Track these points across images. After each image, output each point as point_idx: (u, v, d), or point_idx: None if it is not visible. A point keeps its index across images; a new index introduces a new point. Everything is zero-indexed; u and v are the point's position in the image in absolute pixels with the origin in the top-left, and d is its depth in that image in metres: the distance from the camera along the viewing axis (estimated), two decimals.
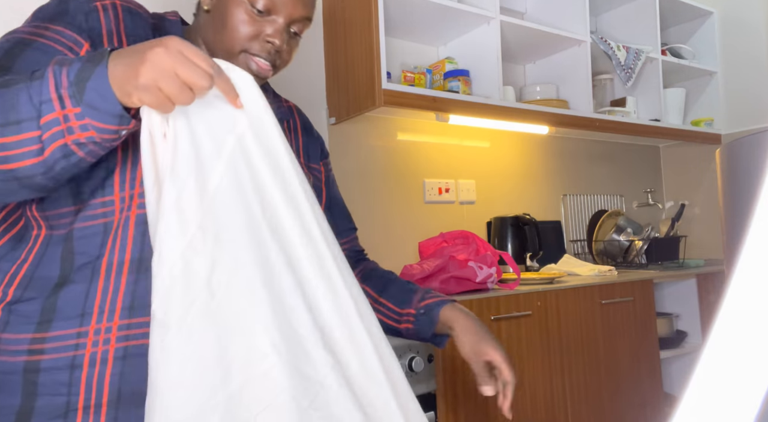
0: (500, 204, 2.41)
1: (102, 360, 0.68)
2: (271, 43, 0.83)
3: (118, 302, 0.69)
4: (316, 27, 2.03)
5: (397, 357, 1.38)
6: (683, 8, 2.76)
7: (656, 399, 2.01)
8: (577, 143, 2.74)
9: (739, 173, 0.82)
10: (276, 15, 0.82)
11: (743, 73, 2.75)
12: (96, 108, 0.59)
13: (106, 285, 0.70)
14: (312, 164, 0.98)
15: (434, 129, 2.25)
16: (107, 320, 0.69)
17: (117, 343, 0.68)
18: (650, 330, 2.03)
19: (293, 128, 0.98)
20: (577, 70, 2.35)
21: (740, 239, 0.84)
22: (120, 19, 0.78)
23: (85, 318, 0.69)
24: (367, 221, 2.05)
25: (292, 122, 0.98)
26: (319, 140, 1.03)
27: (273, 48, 0.83)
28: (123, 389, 0.68)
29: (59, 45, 0.73)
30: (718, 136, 2.79)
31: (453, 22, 2.07)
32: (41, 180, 0.62)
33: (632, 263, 2.45)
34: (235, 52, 0.82)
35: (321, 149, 1.03)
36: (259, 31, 0.82)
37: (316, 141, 1.02)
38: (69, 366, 0.67)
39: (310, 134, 1.01)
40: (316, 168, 0.99)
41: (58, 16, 0.75)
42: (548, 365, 1.71)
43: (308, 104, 1.97)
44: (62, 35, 0.74)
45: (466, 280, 1.64)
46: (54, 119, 0.59)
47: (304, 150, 0.98)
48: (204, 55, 0.61)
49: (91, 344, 0.68)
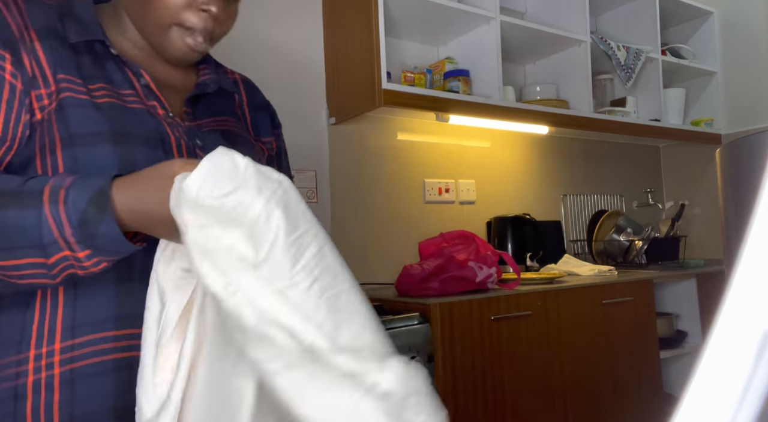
0: (500, 204, 2.41)
1: (47, 386, 0.65)
2: (206, 10, 0.74)
3: (57, 324, 0.66)
4: (317, 27, 2.03)
5: None
6: (683, 8, 2.76)
7: (656, 399, 2.01)
8: (577, 143, 2.74)
9: (739, 173, 0.82)
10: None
11: (743, 73, 2.75)
12: (107, 250, 0.59)
13: (42, 307, 0.66)
14: (264, 137, 0.92)
15: (434, 129, 2.25)
16: (47, 344, 0.65)
17: (61, 367, 0.65)
18: (650, 330, 2.03)
19: (239, 103, 0.92)
20: (577, 70, 2.35)
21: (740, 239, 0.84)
22: (24, 13, 0.71)
23: (23, 344, 0.65)
24: (367, 221, 2.05)
25: (238, 97, 0.92)
26: (269, 110, 0.96)
27: (209, 17, 0.75)
28: (76, 412, 0.65)
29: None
30: (718, 136, 2.80)
31: (453, 22, 2.07)
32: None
33: (632, 263, 2.45)
34: (167, 24, 0.74)
35: (271, 120, 0.95)
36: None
37: (265, 115, 0.94)
38: (12, 396, 0.64)
39: (259, 108, 0.94)
40: (267, 141, 0.93)
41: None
42: (548, 365, 1.71)
43: (308, 104, 1.97)
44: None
45: (466, 280, 1.64)
46: (62, 257, 0.59)
47: (253, 125, 0.92)
48: None
49: (32, 371, 0.65)
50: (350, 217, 2.01)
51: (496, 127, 2.26)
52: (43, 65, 0.70)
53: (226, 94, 0.89)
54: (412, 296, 1.62)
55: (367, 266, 2.02)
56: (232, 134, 0.83)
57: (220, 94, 0.87)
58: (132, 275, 0.69)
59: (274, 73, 1.89)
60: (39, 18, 0.72)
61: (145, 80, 0.76)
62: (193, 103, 0.82)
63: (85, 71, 0.72)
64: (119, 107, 0.72)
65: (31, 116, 0.68)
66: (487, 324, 1.58)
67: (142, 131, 0.71)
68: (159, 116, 0.75)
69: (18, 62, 0.68)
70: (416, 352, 1.42)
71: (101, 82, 0.73)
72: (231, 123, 0.85)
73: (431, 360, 1.45)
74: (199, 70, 0.87)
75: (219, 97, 0.87)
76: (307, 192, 1.91)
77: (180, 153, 0.73)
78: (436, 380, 1.46)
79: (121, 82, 0.74)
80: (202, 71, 0.87)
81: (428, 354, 1.45)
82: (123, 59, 0.75)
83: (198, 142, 0.77)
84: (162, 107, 0.76)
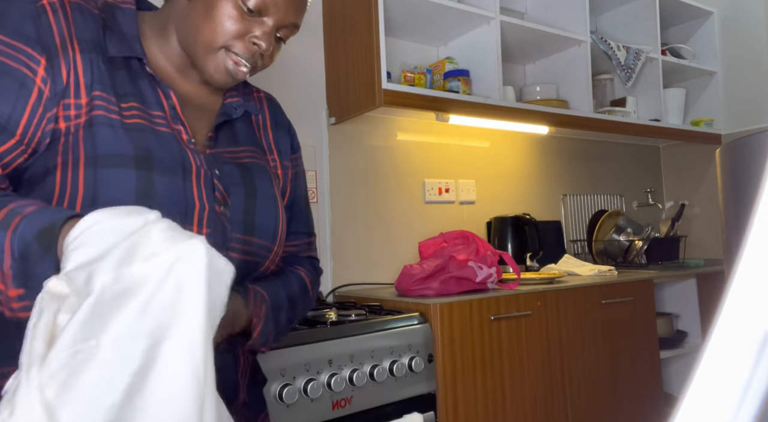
0: (500, 204, 2.41)
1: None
2: (257, 45, 0.78)
3: None
4: (317, 27, 2.03)
5: (397, 356, 1.39)
6: (683, 8, 2.76)
7: (656, 399, 2.01)
8: (577, 143, 2.74)
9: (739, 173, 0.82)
10: (266, 17, 0.77)
11: (743, 73, 2.75)
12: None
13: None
14: (284, 161, 0.93)
15: (434, 129, 2.25)
16: None
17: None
18: (650, 330, 2.03)
19: (262, 124, 0.92)
20: (577, 70, 2.35)
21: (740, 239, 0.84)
22: (71, 21, 0.71)
23: None
24: (367, 221, 2.05)
25: (261, 118, 0.93)
26: (290, 133, 0.97)
27: (258, 51, 0.78)
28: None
29: (15, 62, 0.67)
30: (718, 136, 2.80)
31: (453, 22, 2.07)
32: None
33: (632, 263, 2.45)
34: (216, 46, 0.76)
35: (291, 143, 0.96)
36: (246, 31, 0.77)
37: (286, 135, 0.96)
38: None
39: (281, 129, 0.95)
40: (286, 165, 0.93)
41: (2, 23, 0.68)
42: (548, 365, 1.71)
43: (308, 104, 1.97)
44: (15, 50, 0.67)
45: (466, 280, 1.64)
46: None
47: (276, 145, 0.92)
48: None
49: None
50: (350, 217, 2.01)
51: (496, 127, 2.26)
52: (80, 77, 0.70)
53: (250, 115, 0.91)
54: (412, 296, 1.62)
55: (367, 266, 2.02)
56: (247, 167, 0.83)
57: (243, 118, 0.89)
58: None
59: (274, 73, 1.89)
60: (84, 28, 0.72)
61: (172, 102, 0.77)
62: (217, 127, 0.83)
63: (120, 88, 0.73)
64: (148, 129, 0.73)
65: (55, 124, 0.68)
66: (487, 324, 1.58)
67: (165, 156, 0.72)
68: (183, 141, 0.76)
69: (52, 69, 0.69)
70: (416, 352, 1.42)
71: (134, 101, 0.74)
72: (249, 154, 0.86)
73: (431, 360, 1.45)
74: (227, 91, 0.88)
75: (242, 121, 0.89)
76: (308, 192, 1.91)
77: (198, 180, 0.74)
78: (436, 380, 1.46)
79: (152, 103, 0.75)
80: (229, 92, 0.88)
81: (428, 354, 1.45)
82: (156, 79, 0.77)
83: (216, 171, 0.78)
84: (186, 132, 0.77)
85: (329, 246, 1.93)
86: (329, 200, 1.96)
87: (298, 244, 0.96)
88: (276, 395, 1.17)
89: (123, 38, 0.76)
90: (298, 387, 1.20)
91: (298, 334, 1.26)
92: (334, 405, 1.26)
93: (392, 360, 1.37)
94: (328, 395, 1.25)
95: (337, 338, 1.30)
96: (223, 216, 0.76)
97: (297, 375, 1.21)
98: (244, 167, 0.83)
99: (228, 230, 0.76)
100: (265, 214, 0.82)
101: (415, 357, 1.40)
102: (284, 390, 1.16)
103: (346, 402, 1.28)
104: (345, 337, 1.32)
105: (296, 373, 1.21)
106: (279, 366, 1.18)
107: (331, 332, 1.31)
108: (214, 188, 0.76)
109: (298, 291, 0.89)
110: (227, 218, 0.77)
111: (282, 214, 0.86)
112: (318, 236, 1.95)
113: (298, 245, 0.96)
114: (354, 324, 1.37)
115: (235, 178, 0.80)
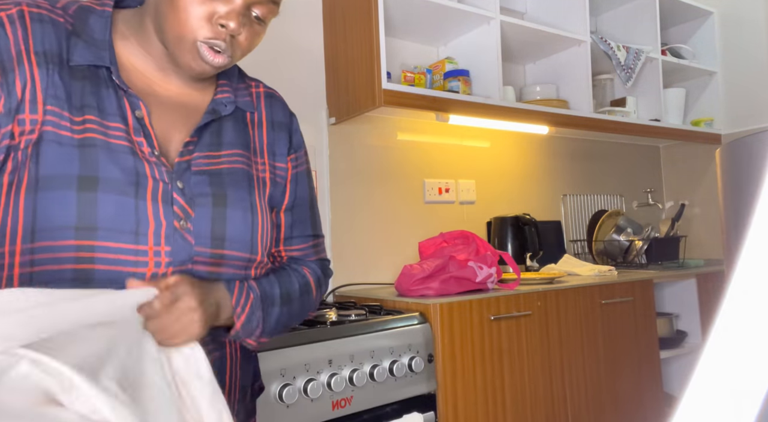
0: (500, 204, 2.41)
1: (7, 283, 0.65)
2: (224, 26, 0.72)
3: (19, 227, 0.66)
4: (316, 27, 2.03)
5: (397, 356, 1.39)
6: (683, 8, 2.76)
7: (656, 399, 2.01)
8: (577, 143, 2.74)
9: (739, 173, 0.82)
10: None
11: (743, 73, 2.75)
12: None
13: (5, 211, 0.66)
14: (278, 162, 0.88)
15: (434, 129, 2.25)
16: (9, 243, 0.66)
17: (21, 269, 0.66)
18: (650, 330, 2.03)
19: (257, 122, 0.87)
20: (577, 70, 2.35)
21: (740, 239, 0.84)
22: (29, 32, 0.69)
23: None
24: (367, 221, 2.05)
25: (257, 115, 0.87)
26: (289, 131, 0.91)
27: (226, 32, 0.72)
28: None
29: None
30: (718, 136, 2.80)
31: (453, 22, 2.07)
32: None
33: (632, 263, 2.45)
34: (186, 35, 0.72)
35: (290, 142, 0.90)
36: (212, 12, 0.71)
37: (284, 135, 0.90)
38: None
39: (278, 129, 0.89)
40: (281, 167, 0.88)
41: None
42: (548, 365, 1.71)
43: (308, 104, 1.97)
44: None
45: (466, 280, 1.64)
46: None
47: (269, 147, 0.87)
48: None
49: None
50: (350, 217, 2.01)
51: (496, 127, 2.26)
52: (37, 91, 0.68)
53: (240, 113, 0.86)
54: (412, 296, 1.62)
55: (367, 266, 2.02)
56: (221, 174, 0.78)
57: (234, 115, 0.84)
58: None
59: (274, 73, 1.89)
60: (44, 39, 0.70)
61: (140, 112, 0.73)
62: (202, 128, 0.79)
63: (77, 100, 0.70)
64: (100, 144, 0.69)
65: (10, 140, 0.67)
66: (487, 324, 1.58)
67: (114, 173, 0.69)
68: (143, 154, 0.72)
69: (7, 84, 0.67)
70: (416, 352, 1.42)
71: (90, 114, 0.70)
72: (229, 159, 0.81)
73: (431, 360, 1.45)
74: (217, 87, 0.84)
75: (232, 120, 0.84)
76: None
77: (155, 196, 0.71)
78: (436, 380, 1.46)
79: (112, 114, 0.72)
80: (220, 87, 0.84)
81: (428, 354, 1.45)
82: (124, 88, 0.73)
83: (179, 184, 0.73)
84: (149, 144, 0.73)
85: (329, 246, 1.93)
86: (329, 200, 1.96)
87: (302, 248, 0.92)
88: (276, 395, 1.17)
89: (92, 44, 0.73)
90: (298, 387, 1.20)
91: (298, 334, 1.26)
92: (334, 405, 1.26)
93: (392, 360, 1.37)
94: (328, 395, 1.25)
95: (337, 338, 1.30)
96: (186, 231, 0.73)
97: (297, 375, 1.21)
98: (217, 174, 0.78)
99: (192, 245, 0.73)
100: (237, 224, 0.77)
101: (415, 357, 1.40)
102: (284, 390, 1.16)
103: (346, 402, 1.28)
104: (345, 337, 1.32)
105: (296, 373, 1.21)
106: (279, 366, 1.18)
107: (331, 332, 1.31)
108: (173, 202, 0.72)
109: (297, 289, 0.86)
110: (191, 232, 0.73)
111: (263, 222, 0.81)
112: None
113: (303, 250, 0.92)
114: (354, 324, 1.37)
115: (203, 188, 0.76)
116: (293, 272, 0.88)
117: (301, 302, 0.87)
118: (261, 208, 0.82)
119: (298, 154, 0.92)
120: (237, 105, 0.84)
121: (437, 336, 1.47)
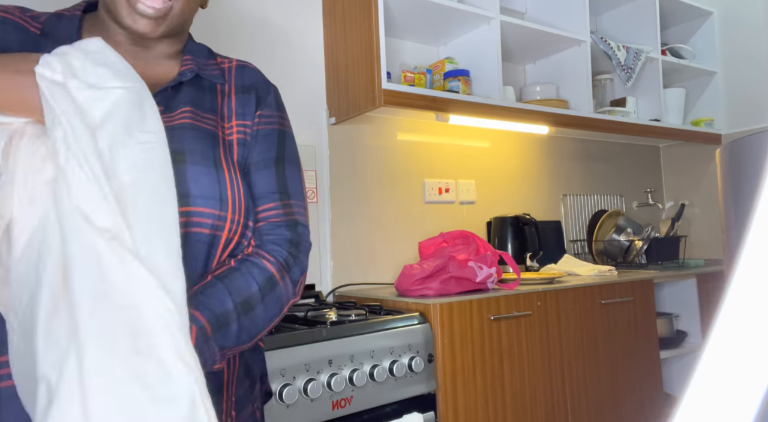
0: (500, 204, 2.41)
1: None
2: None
3: None
4: (316, 27, 2.03)
5: (397, 356, 1.39)
6: (683, 8, 2.76)
7: (656, 399, 2.01)
8: (577, 143, 2.74)
9: (739, 173, 0.82)
10: None
11: (743, 73, 2.75)
12: None
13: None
14: (246, 121, 0.86)
15: (434, 129, 2.25)
16: None
17: None
18: (650, 330, 2.03)
19: (228, 92, 0.86)
20: (577, 70, 2.35)
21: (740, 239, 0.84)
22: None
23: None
24: (367, 221, 2.05)
25: (227, 86, 0.87)
26: (257, 92, 0.88)
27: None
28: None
29: None
30: (718, 136, 2.80)
31: (453, 22, 2.07)
32: None
33: (632, 263, 2.45)
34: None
35: (257, 101, 0.87)
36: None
37: (251, 95, 0.87)
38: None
39: (246, 92, 0.88)
40: (246, 124, 0.85)
41: None
42: (548, 365, 1.71)
43: (308, 104, 1.97)
44: None
45: (466, 280, 1.64)
46: None
47: (238, 109, 0.85)
48: None
49: None
50: (350, 217, 2.01)
51: (496, 127, 2.26)
52: None
53: (208, 83, 0.85)
54: (411, 296, 1.62)
55: (366, 266, 2.02)
56: (174, 129, 0.77)
57: (198, 85, 0.84)
58: None
59: (273, 73, 1.89)
60: (11, 46, 0.72)
61: None
62: (167, 99, 0.79)
63: None
64: None
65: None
66: (487, 324, 1.58)
67: None
68: None
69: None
70: (416, 352, 1.42)
71: None
72: (183, 115, 0.79)
73: (431, 360, 1.45)
74: (182, 64, 0.84)
75: (196, 88, 0.83)
76: (308, 192, 1.91)
77: None
78: (436, 380, 1.46)
79: None
80: (183, 62, 0.84)
81: (428, 354, 1.45)
82: None
83: None
84: None
85: (329, 246, 1.93)
86: (329, 200, 1.96)
87: (270, 207, 0.83)
88: (276, 395, 1.17)
89: (58, 42, 0.73)
90: (298, 387, 1.20)
91: (298, 334, 1.26)
92: (334, 405, 1.26)
93: (392, 360, 1.37)
94: (328, 395, 1.25)
95: (337, 338, 1.30)
96: None
97: (297, 375, 1.21)
98: (171, 129, 0.75)
99: None
100: (201, 180, 0.74)
101: (415, 357, 1.40)
102: (284, 390, 1.17)
103: (346, 402, 1.28)
104: (345, 337, 1.32)
105: (296, 373, 1.21)
106: (279, 366, 1.18)
107: (331, 332, 1.31)
108: None
109: (257, 291, 0.76)
110: None
111: (230, 178, 0.78)
112: (318, 236, 1.96)
113: (271, 209, 0.83)
114: (354, 324, 1.37)
115: None
116: (250, 268, 0.78)
117: (265, 303, 0.77)
118: (227, 164, 0.79)
119: (265, 112, 0.88)
120: (200, 75, 0.84)
121: (437, 336, 1.47)
